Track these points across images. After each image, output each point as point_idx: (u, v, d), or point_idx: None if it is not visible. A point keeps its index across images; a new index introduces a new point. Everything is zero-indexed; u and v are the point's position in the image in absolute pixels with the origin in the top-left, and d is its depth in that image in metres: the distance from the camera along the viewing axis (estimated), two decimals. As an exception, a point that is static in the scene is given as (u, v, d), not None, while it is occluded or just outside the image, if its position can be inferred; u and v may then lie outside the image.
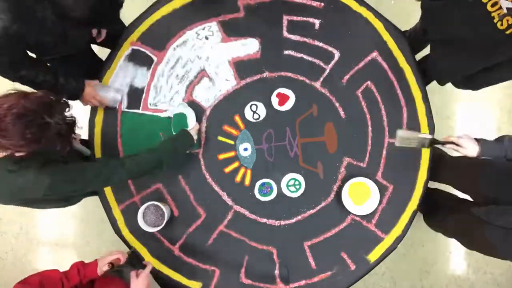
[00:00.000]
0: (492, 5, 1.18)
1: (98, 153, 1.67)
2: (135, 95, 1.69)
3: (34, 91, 1.17)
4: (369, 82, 1.66)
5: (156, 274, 1.63)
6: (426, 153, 1.64)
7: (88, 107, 1.69)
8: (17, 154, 1.10)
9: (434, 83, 1.74)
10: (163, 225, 1.54)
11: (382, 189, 1.62)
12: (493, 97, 2.38)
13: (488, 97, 2.37)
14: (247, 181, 1.65)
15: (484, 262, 2.36)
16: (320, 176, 1.64)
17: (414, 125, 1.65)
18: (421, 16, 1.64)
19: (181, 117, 1.62)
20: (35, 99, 1.06)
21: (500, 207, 1.39)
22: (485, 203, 1.46)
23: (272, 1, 1.70)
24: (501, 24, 1.18)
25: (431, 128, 1.64)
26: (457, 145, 1.36)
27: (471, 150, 1.34)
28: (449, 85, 1.65)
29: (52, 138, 1.09)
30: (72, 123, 1.15)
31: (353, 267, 1.60)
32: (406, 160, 1.64)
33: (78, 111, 2.49)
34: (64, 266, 1.35)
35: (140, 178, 1.41)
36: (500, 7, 1.16)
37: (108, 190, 1.66)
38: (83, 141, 1.72)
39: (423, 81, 1.66)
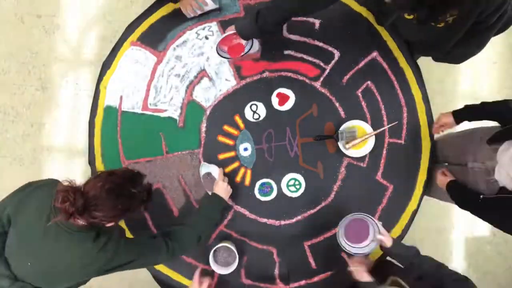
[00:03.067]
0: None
1: (98, 153, 1.67)
2: (135, 95, 1.69)
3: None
4: (369, 82, 1.66)
5: (156, 274, 1.63)
6: (426, 153, 1.64)
7: (88, 109, 1.69)
8: (107, 225, 1.18)
9: (434, 85, 1.74)
10: (235, 263, 1.56)
11: (382, 189, 1.62)
12: (493, 98, 2.37)
13: (488, 97, 2.37)
14: (247, 181, 1.65)
15: (485, 262, 2.37)
16: (320, 176, 1.64)
17: (414, 125, 1.65)
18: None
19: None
20: (121, 174, 1.18)
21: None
22: None
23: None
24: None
25: (431, 128, 1.64)
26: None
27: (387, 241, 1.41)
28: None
29: (137, 206, 1.20)
30: (149, 189, 1.25)
31: (353, 267, 1.60)
32: (406, 160, 1.64)
33: (79, 111, 2.49)
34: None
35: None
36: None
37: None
38: None
39: (421, 78, 1.67)
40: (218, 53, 1.53)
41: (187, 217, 1.50)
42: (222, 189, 1.51)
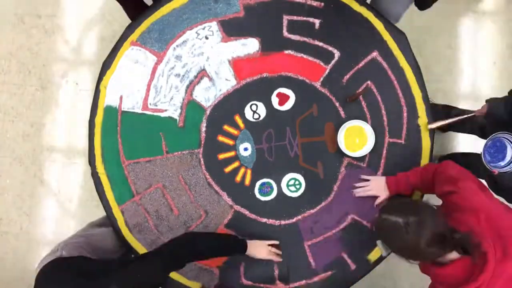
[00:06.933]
0: None
1: (98, 153, 1.67)
2: (135, 95, 1.69)
3: None
4: (369, 82, 1.66)
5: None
6: (426, 153, 1.64)
7: (88, 109, 1.70)
8: None
9: (434, 85, 1.73)
10: None
11: (382, 189, 1.62)
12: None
13: (488, 97, 2.37)
14: (247, 181, 1.65)
15: (484, 262, 2.36)
16: (320, 176, 1.64)
17: (414, 125, 1.65)
18: None
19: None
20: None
21: None
22: None
23: (272, 1, 1.70)
24: None
25: (431, 128, 1.64)
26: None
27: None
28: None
29: None
30: None
31: (353, 267, 1.60)
32: (406, 160, 1.64)
33: (79, 111, 2.49)
34: (64, 266, 1.35)
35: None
36: None
37: (108, 190, 1.66)
38: None
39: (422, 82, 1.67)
40: None
41: None
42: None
